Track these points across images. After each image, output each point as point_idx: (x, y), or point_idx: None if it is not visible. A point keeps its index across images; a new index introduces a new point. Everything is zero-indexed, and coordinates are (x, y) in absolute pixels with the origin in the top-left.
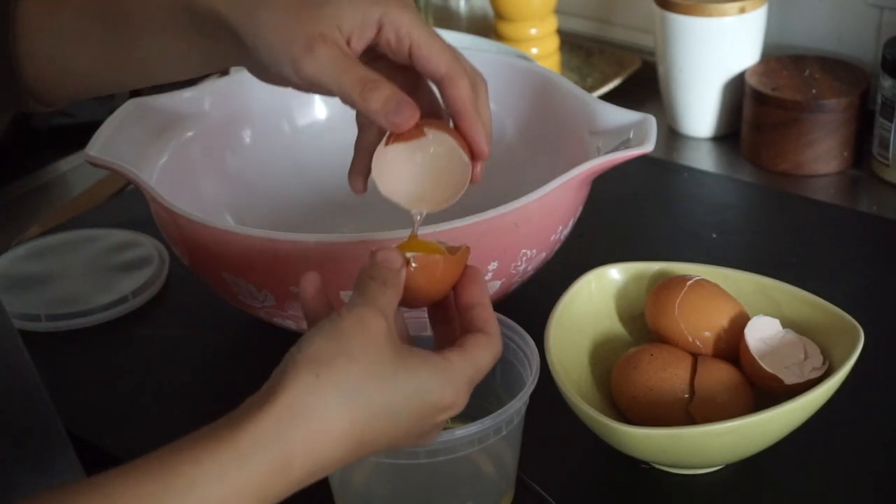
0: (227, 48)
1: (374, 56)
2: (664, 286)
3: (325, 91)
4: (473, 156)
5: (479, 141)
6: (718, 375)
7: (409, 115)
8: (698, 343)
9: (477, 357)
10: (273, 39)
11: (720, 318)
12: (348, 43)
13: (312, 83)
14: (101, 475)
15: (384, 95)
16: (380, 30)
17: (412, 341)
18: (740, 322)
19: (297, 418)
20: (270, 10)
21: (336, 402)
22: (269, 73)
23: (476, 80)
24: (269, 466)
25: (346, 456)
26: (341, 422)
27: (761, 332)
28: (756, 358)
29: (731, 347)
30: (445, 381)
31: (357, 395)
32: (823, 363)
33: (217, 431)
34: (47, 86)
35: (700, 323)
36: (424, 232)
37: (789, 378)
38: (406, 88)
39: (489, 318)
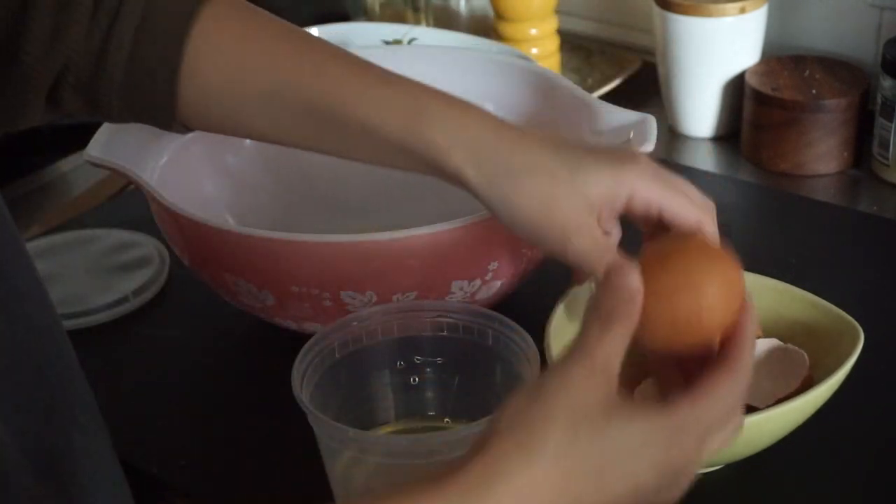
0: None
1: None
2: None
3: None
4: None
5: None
6: None
7: (637, 293)
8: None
9: (714, 401)
10: (527, 229)
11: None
12: (599, 217)
13: (572, 261)
14: None
15: (624, 281)
16: (632, 197)
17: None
18: None
19: (500, 475)
20: (528, 195)
21: (541, 458)
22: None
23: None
24: None
25: None
26: (550, 476)
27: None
28: None
29: None
30: (668, 435)
31: (565, 451)
32: (801, 377)
33: (420, 489)
34: (204, 122)
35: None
36: (423, 231)
37: (763, 402)
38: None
39: (742, 346)
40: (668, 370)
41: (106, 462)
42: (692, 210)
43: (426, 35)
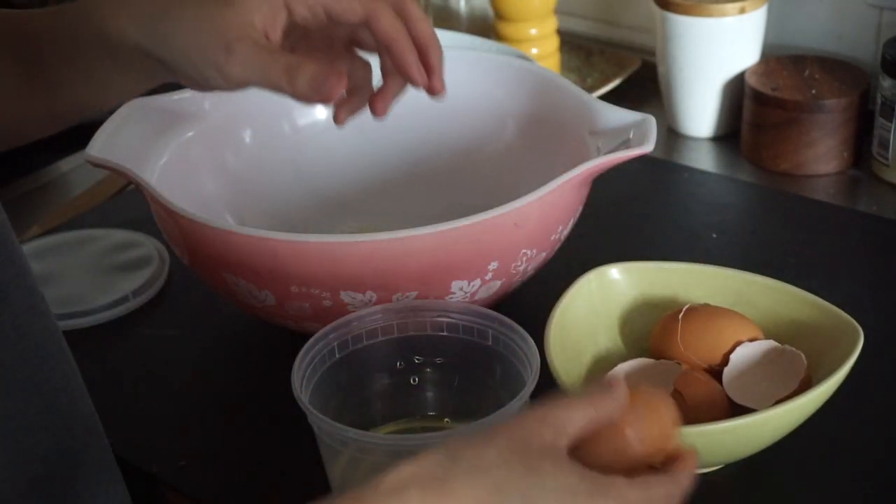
0: (152, 68)
1: (300, 35)
2: (663, 321)
3: (256, 87)
4: (409, 79)
5: (410, 68)
6: (695, 389)
7: (336, 83)
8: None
9: (646, 487)
10: (192, 55)
11: (719, 342)
12: (266, 36)
13: (241, 83)
14: None
15: (309, 75)
16: (290, 10)
17: None
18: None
19: (417, 479)
20: (181, 28)
21: (462, 472)
22: (199, 84)
23: (402, 4)
24: None
25: None
26: (477, 487)
27: (745, 358)
28: (728, 393)
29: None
30: (596, 489)
31: (498, 466)
32: (799, 378)
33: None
34: None
35: (701, 353)
36: (423, 232)
37: (761, 404)
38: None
39: (681, 462)
40: None
41: (103, 467)
42: (356, 3)
43: None
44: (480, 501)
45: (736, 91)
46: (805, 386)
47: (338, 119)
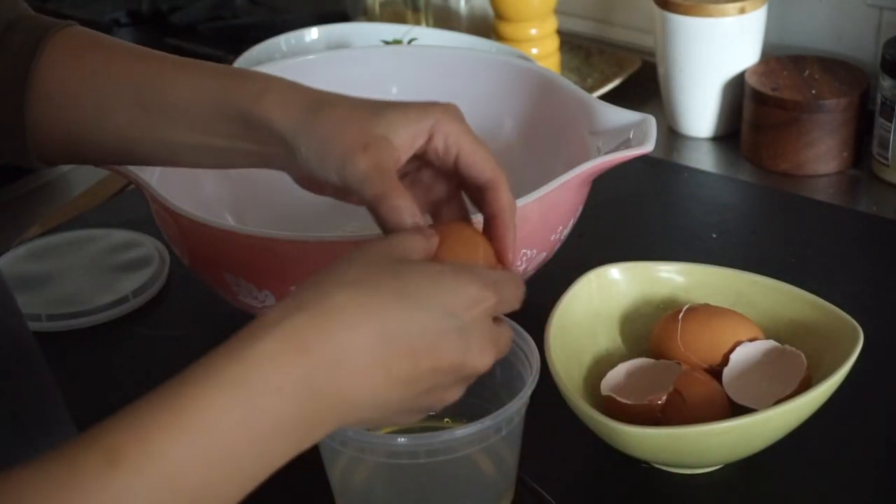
0: (274, 153)
1: (421, 164)
2: (663, 322)
3: (356, 196)
4: (500, 262)
5: (507, 248)
6: (695, 389)
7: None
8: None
9: (494, 277)
10: (325, 147)
11: (719, 342)
12: (400, 153)
13: (353, 181)
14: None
15: (407, 222)
16: (430, 138)
17: None
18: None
19: (299, 312)
20: (326, 122)
21: (338, 289)
22: (310, 181)
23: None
24: (281, 345)
25: (372, 344)
26: (348, 301)
27: (745, 358)
28: (728, 393)
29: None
30: (459, 271)
31: (359, 283)
32: (799, 378)
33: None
34: (58, 148)
35: (702, 353)
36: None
37: (761, 404)
38: (442, 197)
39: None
40: None
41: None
42: (490, 165)
43: (426, 35)
44: (358, 302)
45: (736, 91)
46: (805, 386)
47: None
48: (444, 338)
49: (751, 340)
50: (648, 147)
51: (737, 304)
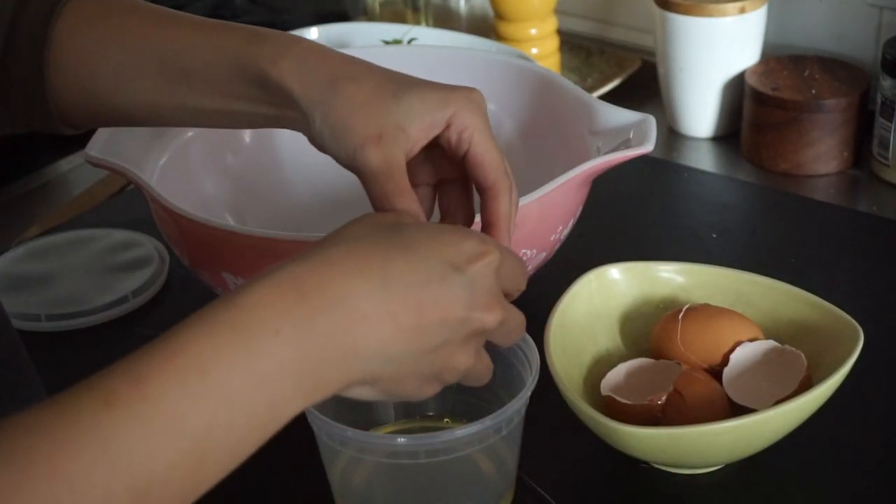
0: (292, 117)
1: (432, 144)
2: (663, 322)
3: (364, 181)
4: None
5: None
6: (695, 389)
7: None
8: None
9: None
10: (340, 128)
11: (719, 342)
12: (414, 143)
13: (363, 167)
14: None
15: (411, 213)
16: (446, 128)
17: None
18: (736, 342)
19: (296, 263)
20: (345, 101)
21: (335, 246)
22: (323, 148)
23: (514, 193)
24: (276, 289)
25: (374, 290)
26: (347, 254)
27: (745, 358)
28: (728, 393)
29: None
30: (456, 230)
31: (357, 238)
32: (799, 378)
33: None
34: (80, 114)
35: (702, 353)
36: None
37: (761, 404)
38: (450, 176)
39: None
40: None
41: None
42: (495, 169)
43: (426, 35)
44: (358, 255)
45: (736, 91)
46: (805, 386)
47: None
48: (447, 289)
49: (751, 340)
50: (648, 147)
51: (737, 304)
